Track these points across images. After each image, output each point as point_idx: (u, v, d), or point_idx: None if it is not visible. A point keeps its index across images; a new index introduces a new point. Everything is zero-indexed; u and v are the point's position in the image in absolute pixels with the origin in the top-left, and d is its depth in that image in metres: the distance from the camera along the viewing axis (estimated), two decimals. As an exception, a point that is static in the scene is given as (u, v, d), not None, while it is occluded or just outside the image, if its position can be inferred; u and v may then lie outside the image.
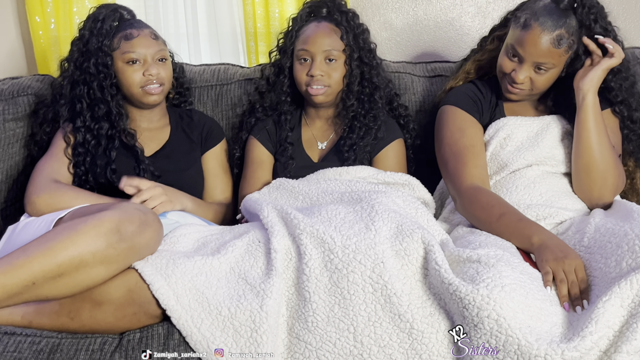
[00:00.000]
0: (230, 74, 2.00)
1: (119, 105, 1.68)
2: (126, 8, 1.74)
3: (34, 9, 2.16)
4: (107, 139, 1.66)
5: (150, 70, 1.64)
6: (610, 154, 1.52)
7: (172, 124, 1.80)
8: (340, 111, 1.77)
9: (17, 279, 1.21)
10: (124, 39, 1.64)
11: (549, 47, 1.52)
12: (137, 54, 1.64)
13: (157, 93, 1.67)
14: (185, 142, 1.77)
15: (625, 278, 1.14)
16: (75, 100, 1.68)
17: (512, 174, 1.61)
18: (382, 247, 1.26)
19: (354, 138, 1.72)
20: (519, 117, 1.65)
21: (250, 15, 2.19)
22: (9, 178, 1.82)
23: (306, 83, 1.71)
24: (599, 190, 1.53)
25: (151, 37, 1.67)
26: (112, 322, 1.26)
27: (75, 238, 1.22)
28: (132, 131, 1.69)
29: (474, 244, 1.36)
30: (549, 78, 1.58)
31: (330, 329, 1.22)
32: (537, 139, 1.62)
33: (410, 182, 1.65)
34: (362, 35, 1.76)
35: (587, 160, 1.53)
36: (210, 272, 1.28)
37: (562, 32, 1.52)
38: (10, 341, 1.24)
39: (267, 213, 1.40)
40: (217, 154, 1.81)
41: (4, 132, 1.82)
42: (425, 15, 2.26)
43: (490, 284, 1.15)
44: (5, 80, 1.94)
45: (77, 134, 1.67)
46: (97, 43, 1.65)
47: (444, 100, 1.73)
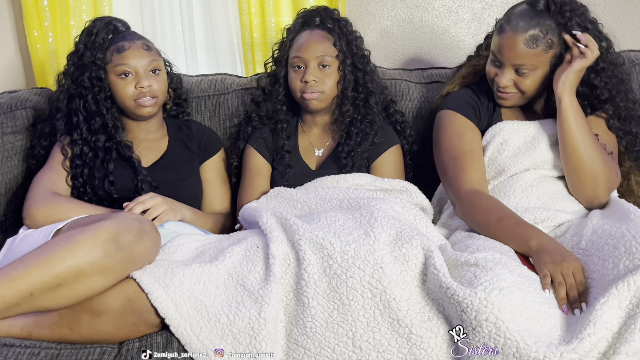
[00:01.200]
0: (227, 84, 2.01)
1: (114, 118, 1.69)
2: (121, 20, 1.75)
3: (32, 23, 2.17)
4: (104, 151, 1.67)
5: (142, 82, 1.64)
6: (597, 152, 1.52)
7: (170, 135, 1.80)
8: (336, 117, 1.78)
9: (15, 290, 1.21)
10: (115, 51, 1.65)
11: (524, 48, 1.53)
12: (128, 66, 1.64)
13: (150, 105, 1.67)
14: (184, 153, 1.78)
15: (623, 280, 1.14)
16: (71, 113, 1.69)
17: (510, 179, 1.61)
18: (381, 253, 1.26)
19: (351, 144, 1.72)
20: (515, 122, 1.66)
21: (247, 26, 2.21)
22: (8, 191, 1.82)
23: (300, 90, 1.72)
24: (592, 190, 1.53)
25: (143, 49, 1.66)
26: (112, 332, 1.26)
27: (72, 248, 1.23)
28: (129, 143, 1.69)
29: (472, 247, 1.36)
30: (535, 80, 1.58)
31: (329, 334, 1.22)
32: (533, 143, 1.62)
33: (408, 188, 1.65)
34: (355, 41, 1.78)
35: (574, 162, 1.53)
36: (208, 279, 1.28)
37: (535, 32, 1.52)
38: (9, 353, 1.24)
39: (266, 219, 1.40)
40: (215, 164, 1.82)
41: (2, 145, 1.82)
42: (421, 23, 2.27)
43: (488, 287, 1.15)
44: (3, 94, 1.95)
45: (74, 147, 1.67)
46: (90, 57, 1.66)
47: (441, 105, 1.74)
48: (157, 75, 1.68)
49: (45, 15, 2.17)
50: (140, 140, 1.74)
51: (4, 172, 1.83)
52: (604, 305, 1.11)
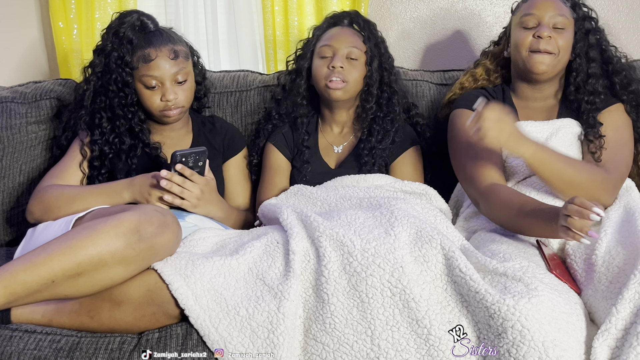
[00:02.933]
0: (249, 81, 2.02)
1: (141, 121, 1.66)
2: (150, 17, 1.68)
3: (58, 15, 2.19)
4: (127, 152, 1.65)
5: (167, 95, 1.60)
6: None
7: (195, 131, 1.79)
8: (359, 114, 1.78)
9: (37, 276, 1.23)
10: (142, 60, 1.59)
11: (559, 2, 1.63)
12: (154, 77, 1.60)
13: (175, 115, 1.64)
14: (207, 150, 1.76)
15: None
16: (95, 111, 1.66)
17: (523, 181, 1.60)
18: (401, 252, 1.26)
19: (372, 141, 1.72)
20: (529, 122, 1.65)
21: (270, 24, 2.21)
22: (31, 180, 1.84)
23: (326, 76, 1.71)
24: (598, 200, 1.48)
25: (170, 58, 1.60)
26: (131, 322, 1.27)
27: (95, 238, 1.24)
28: (157, 145, 1.67)
29: (498, 254, 1.35)
30: (567, 42, 1.62)
31: (348, 331, 1.22)
32: (546, 144, 1.61)
33: (428, 192, 1.65)
34: (382, 44, 1.80)
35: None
36: (228, 273, 1.29)
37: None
38: (30, 339, 1.26)
39: (286, 215, 1.41)
40: (239, 162, 1.81)
41: (26, 134, 1.85)
42: (443, 24, 2.27)
43: (517, 295, 1.15)
44: (28, 84, 1.97)
45: (93, 147, 1.64)
46: (118, 59, 1.61)
47: (455, 105, 1.74)
48: (183, 84, 1.64)
49: (71, 7, 2.19)
50: (164, 136, 1.73)
51: (27, 161, 1.85)
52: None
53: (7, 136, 1.83)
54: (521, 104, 1.72)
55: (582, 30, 1.66)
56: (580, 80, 1.66)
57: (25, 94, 1.89)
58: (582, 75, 1.65)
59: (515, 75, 1.73)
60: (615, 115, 1.64)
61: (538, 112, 1.70)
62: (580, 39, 1.66)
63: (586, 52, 1.67)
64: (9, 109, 1.86)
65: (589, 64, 1.66)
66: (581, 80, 1.65)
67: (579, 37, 1.66)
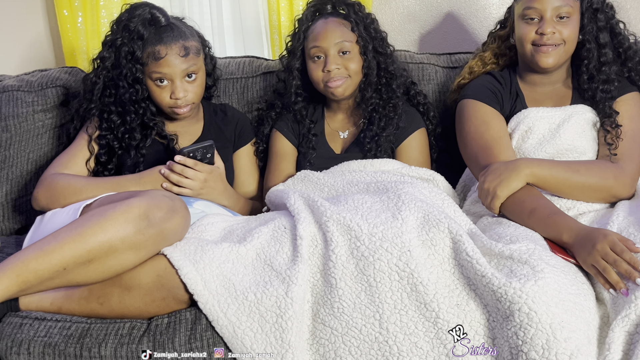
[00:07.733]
0: (255, 67, 2.01)
1: (153, 115, 1.65)
2: (161, 10, 1.65)
3: (62, 3, 2.19)
4: (137, 145, 1.63)
5: (176, 93, 1.59)
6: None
7: (206, 119, 1.78)
8: (359, 103, 1.76)
9: (48, 264, 1.24)
10: (152, 57, 1.58)
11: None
12: (163, 74, 1.58)
13: (185, 111, 1.64)
14: (218, 139, 1.74)
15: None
16: (104, 106, 1.65)
17: None
18: (408, 236, 1.26)
19: (374, 130, 1.71)
20: (540, 109, 1.63)
21: (275, 9, 2.20)
22: (39, 168, 1.85)
23: (324, 80, 1.70)
24: (610, 197, 1.49)
25: (180, 55, 1.58)
26: (141, 307, 1.28)
27: (104, 224, 1.24)
28: (174, 137, 1.67)
29: (505, 237, 1.34)
30: (573, 29, 1.59)
31: (356, 315, 1.23)
32: (558, 131, 1.59)
33: (435, 177, 1.64)
34: (372, 25, 1.75)
35: (584, 200, 1.48)
36: (237, 259, 1.29)
37: None
38: (41, 326, 1.27)
39: (293, 201, 1.41)
40: (249, 151, 1.81)
41: (33, 123, 1.85)
42: (449, 7, 2.25)
43: (523, 278, 1.15)
44: (34, 72, 1.98)
45: (101, 141, 1.64)
46: (128, 54, 1.59)
47: (462, 95, 1.71)
48: (193, 80, 1.63)
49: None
50: (175, 126, 1.72)
51: (34, 150, 1.86)
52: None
53: (15, 125, 1.84)
54: (528, 89, 1.70)
55: (590, 10, 1.62)
56: (593, 67, 1.62)
57: (31, 83, 1.90)
58: (594, 63, 1.62)
59: (522, 63, 1.71)
60: (631, 104, 1.61)
61: (547, 97, 1.68)
62: (589, 21, 1.61)
63: (596, 36, 1.62)
64: (16, 98, 1.87)
65: (600, 50, 1.62)
66: (594, 68, 1.62)
67: (587, 18, 1.61)
